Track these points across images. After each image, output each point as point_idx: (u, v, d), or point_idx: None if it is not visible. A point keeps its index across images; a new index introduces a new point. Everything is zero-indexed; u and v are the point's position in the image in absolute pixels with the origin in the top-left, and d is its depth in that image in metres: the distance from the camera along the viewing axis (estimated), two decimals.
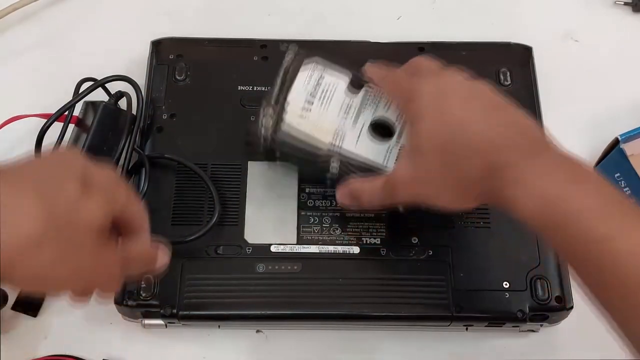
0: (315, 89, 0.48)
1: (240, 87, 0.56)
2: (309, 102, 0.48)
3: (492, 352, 0.51)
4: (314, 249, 0.50)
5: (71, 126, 0.54)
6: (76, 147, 0.53)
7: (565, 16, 0.65)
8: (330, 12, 0.65)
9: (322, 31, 0.61)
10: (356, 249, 0.50)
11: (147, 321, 0.48)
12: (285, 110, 0.47)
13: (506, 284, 0.49)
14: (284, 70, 0.49)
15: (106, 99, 0.55)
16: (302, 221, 0.51)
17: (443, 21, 0.65)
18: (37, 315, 0.51)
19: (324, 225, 0.51)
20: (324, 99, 0.48)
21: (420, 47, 0.58)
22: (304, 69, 0.49)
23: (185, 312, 0.47)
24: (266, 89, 0.49)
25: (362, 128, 0.48)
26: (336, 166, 0.48)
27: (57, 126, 0.53)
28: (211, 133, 0.54)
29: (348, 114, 0.48)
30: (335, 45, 0.57)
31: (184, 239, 0.49)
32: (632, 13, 0.65)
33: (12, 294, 0.50)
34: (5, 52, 0.62)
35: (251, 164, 0.53)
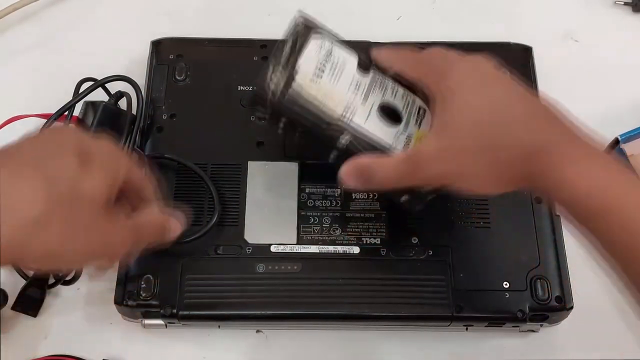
0: (326, 60, 0.46)
1: (240, 87, 0.56)
2: (321, 70, 0.46)
3: (492, 352, 0.51)
4: (314, 249, 0.50)
5: (71, 126, 0.54)
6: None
7: (565, 16, 0.65)
8: (330, 12, 0.64)
9: None
10: (356, 249, 0.50)
11: (147, 321, 0.48)
12: (297, 71, 0.45)
13: (506, 284, 0.49)
14: (294, 34, 0.46)
15: (106, 99, 0.55)
16: (302, 221, 0.51)
17: (443, 21, 0.65)
18: (37, 315, 0.51)
19: (324, 225, 0.51)
20: (334, 72, 0.46)
21: (421, 47, 0.58)
22: (315, 38, 0.46)
23: (185, 312, 0.47)
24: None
25: (371, 107, 0.46)
26: (348, 139, 0.45)
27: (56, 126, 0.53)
28: (211, 133, 0.54)
29: (358, 91, 0.46)
30: None
31: (184, 239, 0.49)
32: (632, 13, 0.65)
33: (12, 294, 0.50)
34: (5, 52, 0.62)
35: (251, 164, 0.53)
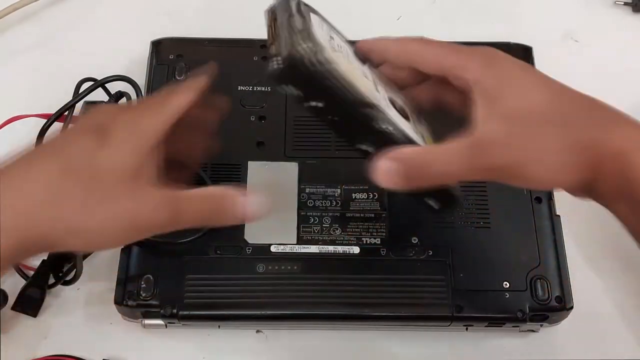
0: (331, 39, 0.40)
1: (240, 87, 0.56)
2: (333, 48, 0.39)
3: (492, 352, 0.51)
4: (314, 249, 0.50)
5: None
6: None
7: (565, 16, 0.65)
8: (330, 12, 0.65)
9: None
10: (356, 249, 0.50)
11: (147, 321, 0.48)
12: (321, 43, 0.37)
13: (506, 284, 0.49)
14: (289, 7, 0.39)
15: (106, 99, 0.55)
16: (302, 221, 0.51)
17: (443, 21, 0.65)
18: (37, 315, 0.51)
19: (324, 225, 0.51)
20: (343, 53, 0.40)
21: None
22: (314, 17, 0.40)
23: (185, 312, 0.47)
24: (266, 89, 0.49)
25: (385, 97, 0.40)
26: (388, 127, 0.38)
27: (57, 126, 0.53)
28: None
29: (368, 79, 0.40)
30: None
31: (184, 239, 0.49)
32: (632, 13, 0.65)
33: (12, 294, 0.50)
34: (5, 52, 0.62)
35: (251, 164, 0.53)
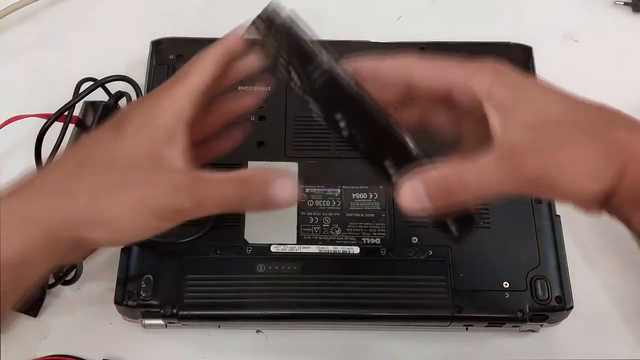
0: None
1: (240, 87, 0.56)
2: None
3: (492, 352, 0.51)
4: (314, 249, 0.50)
5: (71, 126, 0.54)
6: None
7: (565, 16, 0.65)
8: (330, 12, 0.65)
9: (322, 31, 0.61)
10: (356, 249, 0.50)
11: (147, 321, 0.48)
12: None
13: (506, 284, 0.49)
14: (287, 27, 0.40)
15: (106, 99, 0.55)
16: (302, 221, 0.51)
17: (443, 21, 0.65)
18: (37, 315, 0.51)
19: (324, 225, 0.51)
20: None
21: (421, 47, 0.58)
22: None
23: (185, 312, 0.47)
24: (266, 89, 0.49)
25: None
26: (414, 145, 0.37)
27: (57, 126, 0.53)
28: None
29: None
30: (335, 45, 0.57)
31: (184, 239, 0.49)
32: (632, 13, 0.65)
33: None
34: (5, 52, 0.62)
35: (251, 164, 0.52)
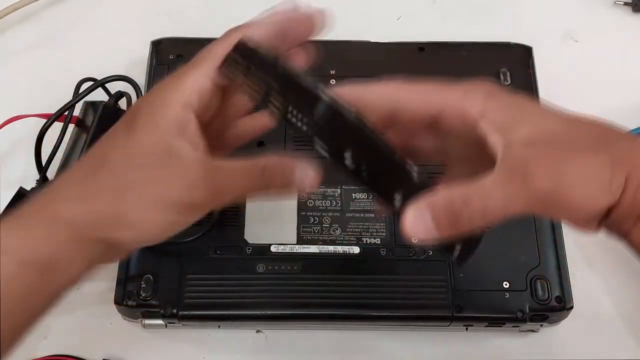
0: None
1: None
2: None
3: (492, 352, 0.51)
4: (314, 249, 0.50)
5: (71, 126, 0.54)
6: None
7: (565, 16, 0.65)
8: (330, 12, 0.65)
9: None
10: (356, 249, 0.50)
11: (147, 321, 0.48)
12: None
13: (506, 284, 0.49)
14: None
15: (106, 99, 0.55)
16: (302, 221, 0.51)
17: (443, 21, 0.65)
18: None
19: (324, 225, 0.51)
20: None
21: (421, 47, 0.58)
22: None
23: (185, 312, 0.47)
24: None
25: None
26: (419, 174, 0.36)
27: (57, 126, 0.53)
28: None
29: None
30: (335, 45, 0.57)
31: (184, 239, 0.49)
32: (632, 13, 0.65)
33: None
34: (5, 52, 0.62)
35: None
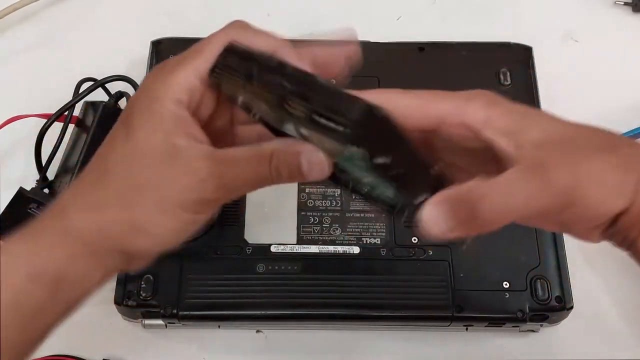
0: None
1: None
2: None
3: (492, 352, 0.51)
4: (314, 249, 0.50)
5: (71, 126, 0.54)
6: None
7: (565, 16, 0.65)
8: (330, 12, 0.65)
9: (322, 31, 0.61)
10: (356, 249, 0.50)
11: (147, 321, 0.48)
12: None
13: (506, 284, 0.49)
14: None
15: (106, 99, 0.55)
16: (302, 221, 0.51)
17: (443, 21, 0.65)
18: None
19: (324, 225, 0.51)
20: None
21: (421, 47, 0.58)
22: None
23: (185, 312, 0.47)
24: None
25: None
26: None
27: (57, 126, 0.53)
28: None
29: None
30: None
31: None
32: (632, 13, 0.65)
33: None
34: (5, 52, 0.62)
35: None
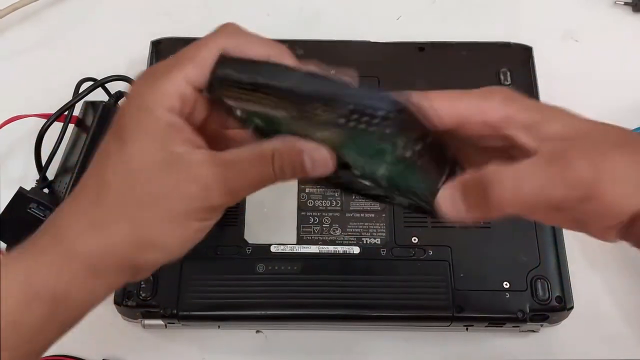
0: None
1: None
2: None
3: (492, 352, 0.51)
4: (314, 249, 0.50)
5: (71, 126, 0.54)
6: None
7: (565, 16, 0.65)
8: (330, 12, 0.65)
9: (322, 31, 0.61)
10: (356, 249, 0.50)
11: (147, 321, 0.48)
12: None
13: (506, 284, 0.49)
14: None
15: (106, 99, 0.55)
16: (302, 221, 0.51)
17: (443, 21, 0.65)
18: None
19: (324, 225, 0.51)
20: None
21: (421, 47, 0.58)
22: None
23: (185, 312, 0.47)
24: None
25: None
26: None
27: (57, 126, 0.53)
28: None
29: None
30: (335, 45, 0.57)
31: None
32: (632, 13, 0.65)
33: None
34: (5, 52, 0.62)
35: None
